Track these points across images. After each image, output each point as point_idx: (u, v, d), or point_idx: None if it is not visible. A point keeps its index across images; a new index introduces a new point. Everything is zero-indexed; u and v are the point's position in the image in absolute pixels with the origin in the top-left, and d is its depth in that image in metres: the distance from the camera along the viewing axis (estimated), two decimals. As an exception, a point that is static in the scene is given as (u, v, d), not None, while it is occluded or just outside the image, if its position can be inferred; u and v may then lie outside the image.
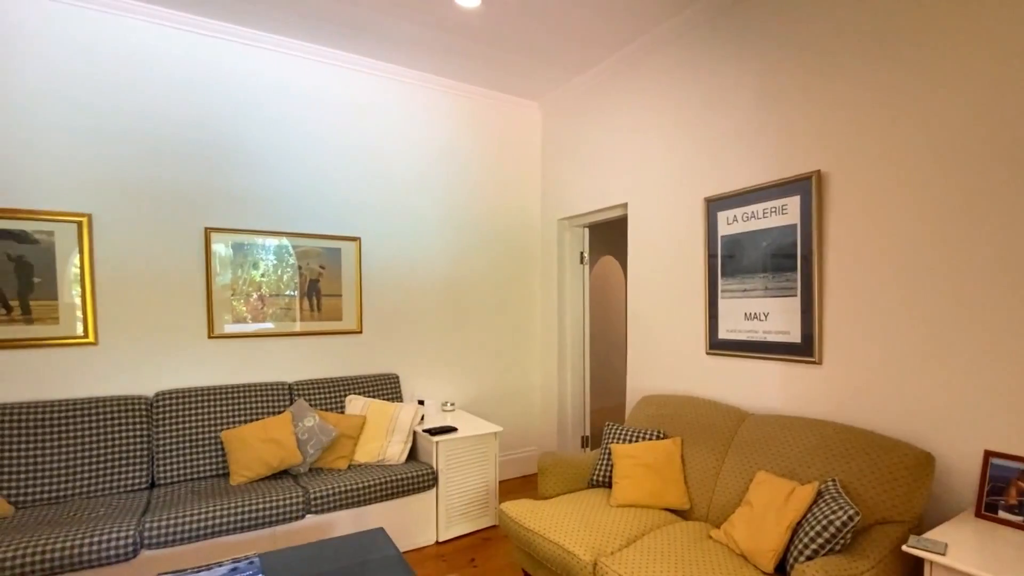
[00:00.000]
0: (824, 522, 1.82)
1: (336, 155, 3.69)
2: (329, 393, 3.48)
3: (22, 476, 2.60)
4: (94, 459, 2.76)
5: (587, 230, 4.50)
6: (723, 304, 2.98)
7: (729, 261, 2.94)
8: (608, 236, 6.55)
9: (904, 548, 1.68)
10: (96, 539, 2.26)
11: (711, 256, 3.04)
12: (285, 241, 3.50)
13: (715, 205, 3.01)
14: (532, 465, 4.64)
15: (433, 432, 3.30)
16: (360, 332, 3.79)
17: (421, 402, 3.90)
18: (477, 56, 3.72)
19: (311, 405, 3.37)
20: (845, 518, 1.78)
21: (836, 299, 2.47)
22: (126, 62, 3.04)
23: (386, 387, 3.72)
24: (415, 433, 3.44)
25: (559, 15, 3.18)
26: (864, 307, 2.36)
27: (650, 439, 2.84)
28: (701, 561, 2.00)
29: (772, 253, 2.71)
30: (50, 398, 2.86)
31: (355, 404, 3.44)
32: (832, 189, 2.47)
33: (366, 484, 2.95)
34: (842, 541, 1.80)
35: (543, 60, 3.78)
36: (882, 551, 1.79)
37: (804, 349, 2.59)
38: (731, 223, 2.92)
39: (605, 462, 2.87)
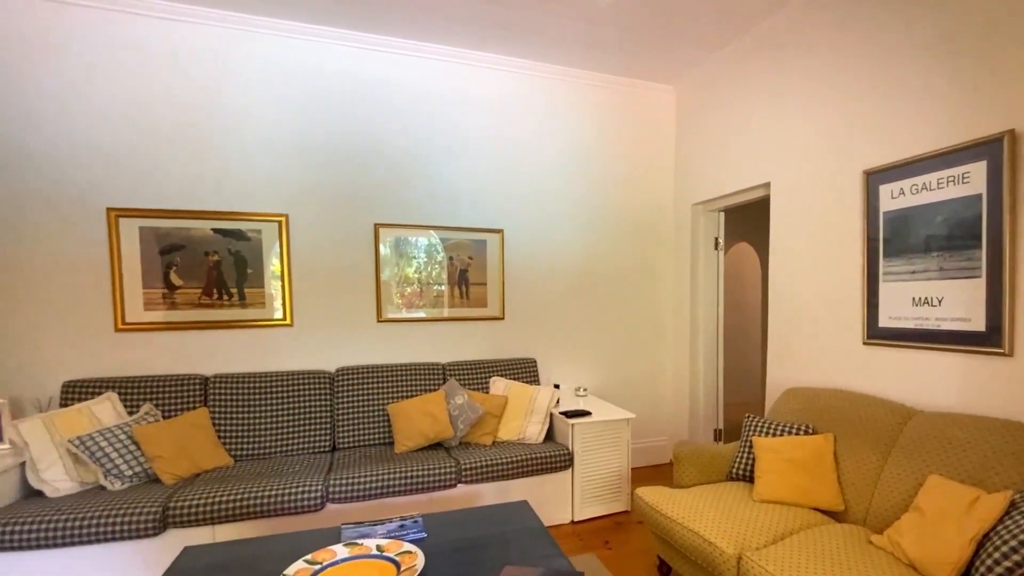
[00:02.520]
0: (1022, 537, 1.52)
1: (482, 152, 3.84)
2: (475, 374, 3.66)
3: (239, 434, 3.09)
4: (291, 423, 3.19)
5: (722, 214, 4.20)
6: (885, 288, 2.60)
7: (893, 240, 2.55)
8: (743, 222, 6.05)
9: None
10: (294, 491, 2.62)
11: (871, 235, 2.66)
12: (435, 239, 3.73)
13: (876, 178, 2.63)
14: (662, 455, 4.47)
15: (569, 415, 3.33)
16: (502, 318, 3.92)
17: (557, 386, 3.95)
18: (613, 44, 3.64)
19: (461, 384, 3.56)
20: (1049, 537, 1.48)
21: (1035, 283, 2.03)
22: (313, 82, 3.42)
23: (525, 370, 3.82)
24: (551, 415, 3.49)
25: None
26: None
27: (797, 434, 2.59)
28: (862, 566, 1.79)
29: (949, 229, 2.31)
30: (259, 370, 3.35)
31: (498, 385, 3.57)
32: (1030, 154, 2.03)
33: (509, 460, 3.06)
34: (1045, 563, 1.50)
35: (678, 41, 3.60)
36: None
37: (990, 339, 2.17)
38: (896, 197, 2.53)
39: (746, 455, 2.67)
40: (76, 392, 2.89)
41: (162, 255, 3.14)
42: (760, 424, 2.72)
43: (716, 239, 4.23)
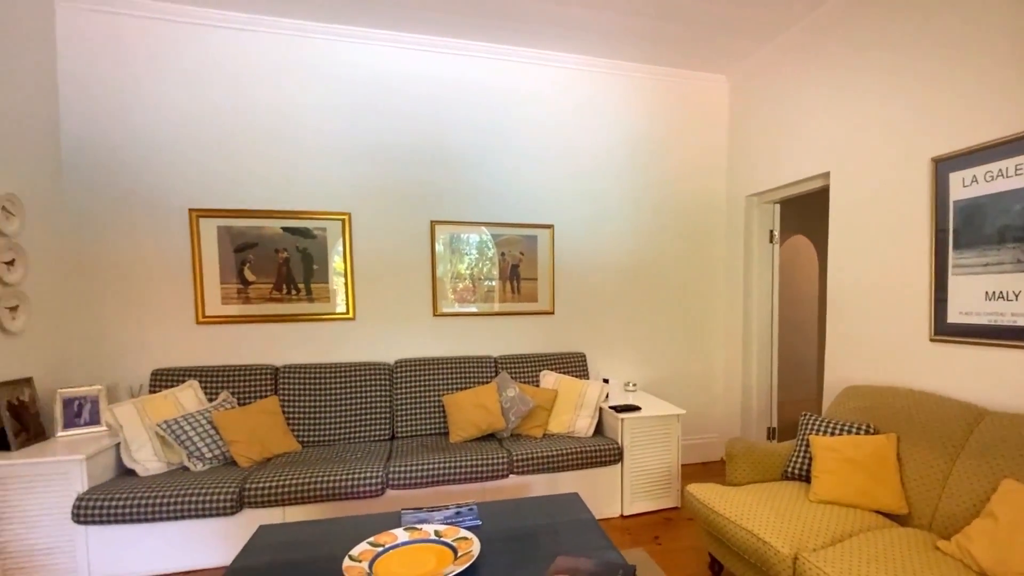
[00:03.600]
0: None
1: (534, 148, 3.86)
2: (526, 367, 3.69)
3: (306, 421, 3.24)
4: (353, 412, 3.32)
5: (778, 206, 4.04)
6: (955, 282, 2.44)
7: (964, 231, 2.39)
8: (800, 213, 5.79)
9: None
10: (357, 477, 2.74)
11: (939, 226, 2.51)
12: (486, 235, 3.78)
13: (946, 165, 2.47)
14: (713, 452, 4.36)
15: (618, 409, 3.30)
16: (552, 313, 3.94)
17: (606, 380, 3.91)
18: (665, 36, 3.57)
19: (512, 377, 3.60)
20: None
21: None
22: (373, 85, 3.53)
23: (574, 364, 3.81)
24: (600, 409, 3.47)
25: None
26: None
27: (857, 433, 2.47)
28: (928, 572, 1.70)
29: (1028, 223, 2.14)
30: (324, 361, 3.51)
31: (548, 379, 3.59)
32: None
33: (559, 452, 3.08)
34: None
35: (731, 30, 3.49)
36: None
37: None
38: (968, 185, 2.37)
39: (802, 454, 2.57)
40: (163, 380, 3.12)
41: (237, 252, 3.33)
42: (817, 422, 2.62)
43: (771, 231, 4.08)
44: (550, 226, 3.89)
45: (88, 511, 2.46)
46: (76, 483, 2.53)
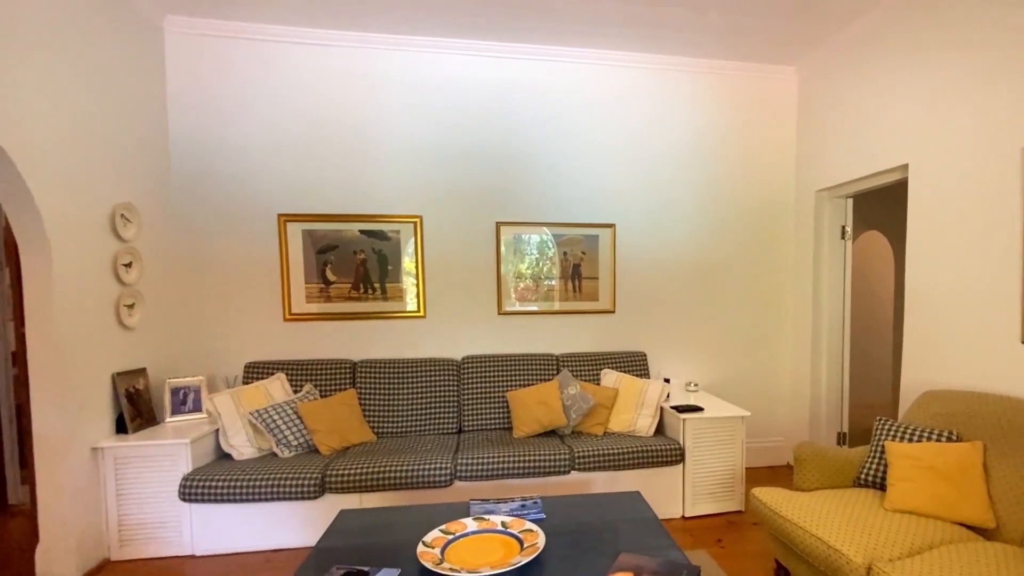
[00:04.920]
0: None
1: (595, 149, 3.86)
2: (587, 366, 3.70)
3: (380, 413, 3.41)
4: (424, 405, 3.46)
5: (850, 201, 3.82)
6: (1052, 286, 2.24)
7: (1063, 233, 2.19)
8: (875, 208, 5.42)
9: None
10: (428, 468, 2.86)
11: (1033, 227, 2.30)
12: (547, 236, 3.82)
13: (1040, 164, 2.26)
14: (779, 456, 4.20)
15: (680, 409, 3.25)
16: (613, 312, 3.92)
17: (667, 380, 3.86)
18: (733, 28, 3.46)
19: (573, 375, 3.62)
20: None
21: None
22: (443, 92, 3.66)
23: (635, 363, 3.78)
24: (661, 409, 3.43)
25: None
26: None
27: (938, 440, 2.32)
28: (1016, 591, 1.59)
29: None
30: (397, 357, 3.68)
31: (608, 377, 3.58)
32: None
33: (620, 450, 3.08)
34: None
35: (799, 19, 3.34)
36: None
37: None
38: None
39: (876, 460, 2.45)
40: (255, 372, 3.37)
41: (319, 254, 3.56)
42: (894, 428, 2.48)
43: (843, 227, 3.87)
44: (611, 225, 3.88)
45: (192, 490, 2.71)
46: (182, 464, 2.79)
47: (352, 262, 3.59)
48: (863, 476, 2.48)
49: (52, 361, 2.51)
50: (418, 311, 3.69)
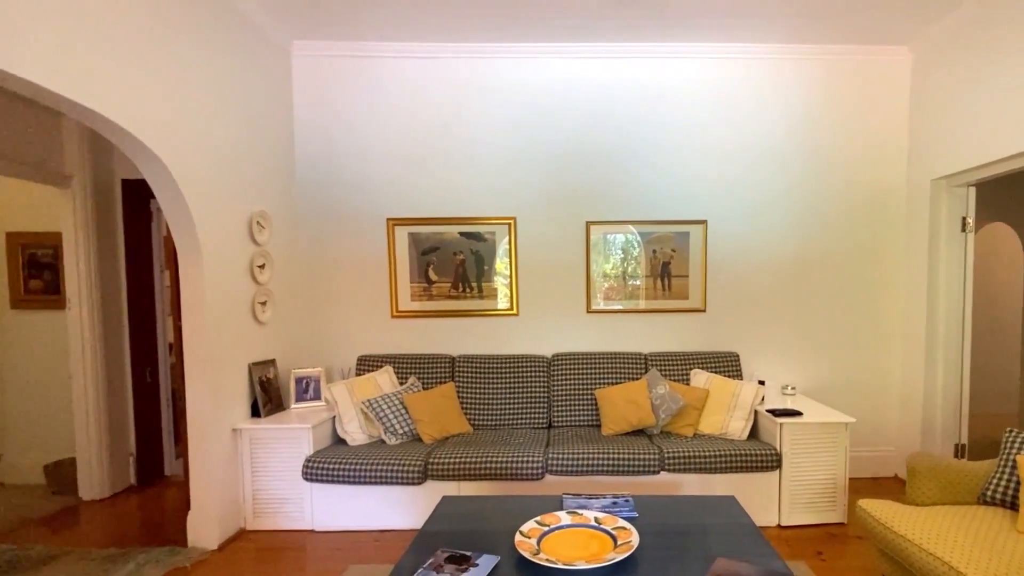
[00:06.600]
0: None
1: (686, 143, 3.77)
2: (676, 365, 3.63)
3: (476, 406, 3.57)
4: (516, 400, 3.58)
5: (972, 189, 3.43)
6: None
7: None
8: (1000, 197, 4.76)
9: None
10: (522, 460, 2.96)
11: None
12: (633, 235, 3.79)
13: None
14: (884, 466, 3.86)
15: (776, 413, 3.10)
16: (704, 311, 3.82)
17: (761, 382, 3.67)
18: (834, 9, 3.21)
19: (662, 375, 3.56)
20: None
21: None
22: (535, 97, 3.74)
23: (726, 364, 3.66)
24: (756, 412, 3.28)
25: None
26: None
27: (1087, 461, 2.05)
28: None
29: None
30: (492, 353, 3.83)
31: (699, 378, 3.49)
32: None
33: (711, 453, 3.00)
34: None
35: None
36: None
37: None
38: None
39: (1006, 476, 2.21)
40: (366, 365, 3.66)
41: (422, 255, 3.79)
42: (1028, 446, 2.22)
43: (963, 219, 3.48)
44: (703, 221, 3.76)
45: (314, 470, 2.99)
46: (305, 447, 3.08)
47: (452, 262, 3.78)
48: (990, 493, 2.24)
49: (203, 352, 2.88)
50: (511, 309, 3.81)
